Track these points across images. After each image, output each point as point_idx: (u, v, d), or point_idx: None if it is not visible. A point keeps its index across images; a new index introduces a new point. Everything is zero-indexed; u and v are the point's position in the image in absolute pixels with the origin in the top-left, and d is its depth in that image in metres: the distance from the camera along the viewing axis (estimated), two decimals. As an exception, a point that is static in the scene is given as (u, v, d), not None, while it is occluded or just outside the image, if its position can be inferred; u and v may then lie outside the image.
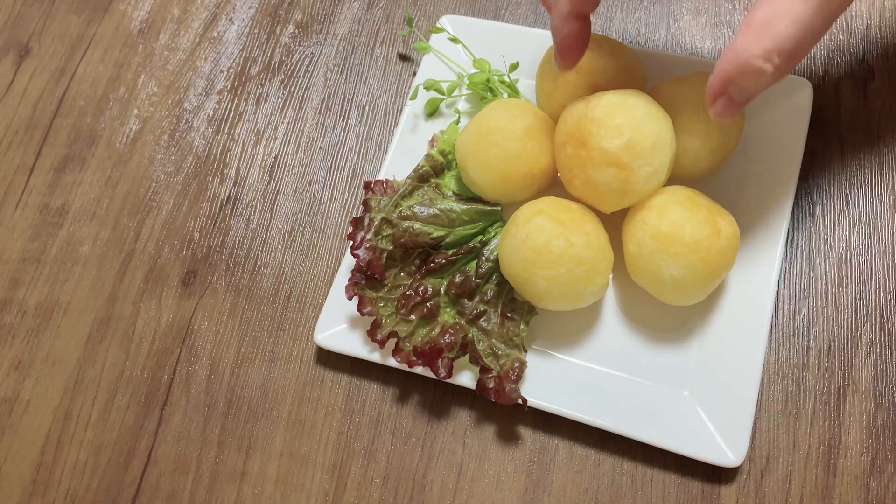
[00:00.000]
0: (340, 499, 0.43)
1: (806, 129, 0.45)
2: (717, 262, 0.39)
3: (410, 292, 0.43)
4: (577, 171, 0.41)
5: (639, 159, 0.39)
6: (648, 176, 0.40)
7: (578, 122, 0.40)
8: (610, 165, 0.39)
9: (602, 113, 0.39)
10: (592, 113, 0.40)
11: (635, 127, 0.39)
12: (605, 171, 0.39)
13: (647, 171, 0.39)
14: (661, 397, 0.42)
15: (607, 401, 0.42)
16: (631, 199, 0.41)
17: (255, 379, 0.47)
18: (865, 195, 0.47)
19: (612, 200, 0.41)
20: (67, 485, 0.45)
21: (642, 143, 0.39)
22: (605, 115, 0.39)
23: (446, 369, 0.42)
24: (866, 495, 0.40)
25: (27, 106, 0.58)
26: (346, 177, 0.52)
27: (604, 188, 0.40)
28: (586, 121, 0.40)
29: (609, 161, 0.39)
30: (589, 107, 0.40)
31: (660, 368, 0.43)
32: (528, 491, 0.42)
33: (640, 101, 0.40)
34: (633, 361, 0.43)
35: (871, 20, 0.52)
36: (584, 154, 0.40)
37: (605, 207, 0.42)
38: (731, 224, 0.41)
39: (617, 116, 0.39)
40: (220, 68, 0.57)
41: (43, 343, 0.49)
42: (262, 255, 0.50)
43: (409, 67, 0.55)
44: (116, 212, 0.53)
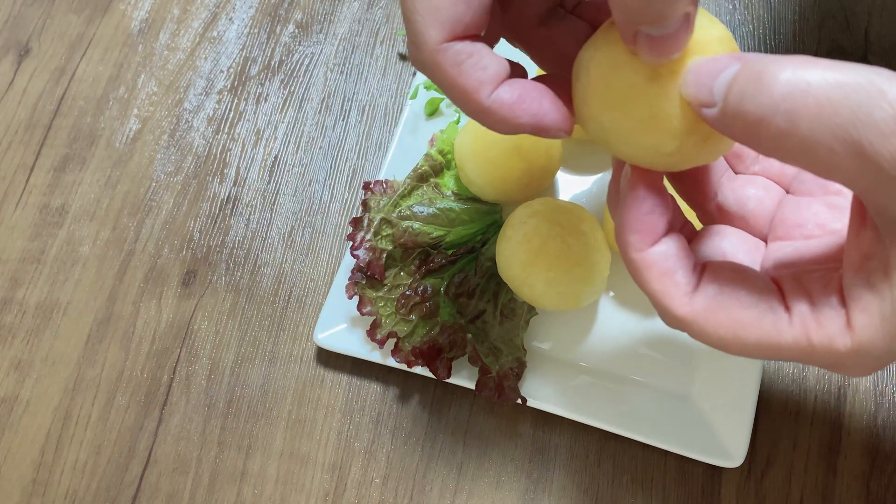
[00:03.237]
0: (340, 499, 0.43)
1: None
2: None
3: (410, 292, 0.43)
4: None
5: None
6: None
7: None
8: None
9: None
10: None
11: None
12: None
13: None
14: (660, 397, 0.42)
15: (607, 401, 0.42)
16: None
17: (255, 379, 0.47)
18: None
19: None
20: (67, 485, 0.45)
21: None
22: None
23: (445, 369, 0.42)
24: (866, 495, 0.40)
25: (27, 106, 0.58)
26: (346, 177, 0.52)
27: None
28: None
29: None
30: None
31: (659, 368, 0.43)
32: (528, 491, 0.42)
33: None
34: (633, 361, 0.43)
35: (871, 20, 0.52)
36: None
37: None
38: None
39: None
40: (220, 68, 0.57)
41: (43, 343, 0.49)
42: (262, 255, 0.50)
43: (409, 67, 0.55)
44: (116, 212, 0.53)
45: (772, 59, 0.21)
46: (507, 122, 0.26)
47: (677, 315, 0.25)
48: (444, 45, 0.25)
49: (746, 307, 0.24)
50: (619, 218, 0.26)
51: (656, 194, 0.26)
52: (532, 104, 0.26)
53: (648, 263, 0.25)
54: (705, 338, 0.25)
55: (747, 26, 0.53)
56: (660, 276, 0.25)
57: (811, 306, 0.24)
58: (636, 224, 0.26)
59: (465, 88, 0.26)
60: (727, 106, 0.22)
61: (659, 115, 0.24)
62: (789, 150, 0.21)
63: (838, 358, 0.23)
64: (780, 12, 0.53)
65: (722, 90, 0.22)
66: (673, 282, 0.25)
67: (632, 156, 0.26)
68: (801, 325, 0.23)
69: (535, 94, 0.26)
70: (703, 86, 0.23)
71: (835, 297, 0.23)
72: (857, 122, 0.19)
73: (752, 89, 0.21)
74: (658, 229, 0.26)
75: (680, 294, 0.25)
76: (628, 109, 0.24)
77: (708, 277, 0.26)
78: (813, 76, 0.20)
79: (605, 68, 0.25)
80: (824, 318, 0.23)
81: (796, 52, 0.51)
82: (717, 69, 0.23)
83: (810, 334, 0.23)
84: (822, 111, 0.20)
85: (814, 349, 0.23)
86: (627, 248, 0.26)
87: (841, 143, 0.20)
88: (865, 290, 0.22)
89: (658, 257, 0.25)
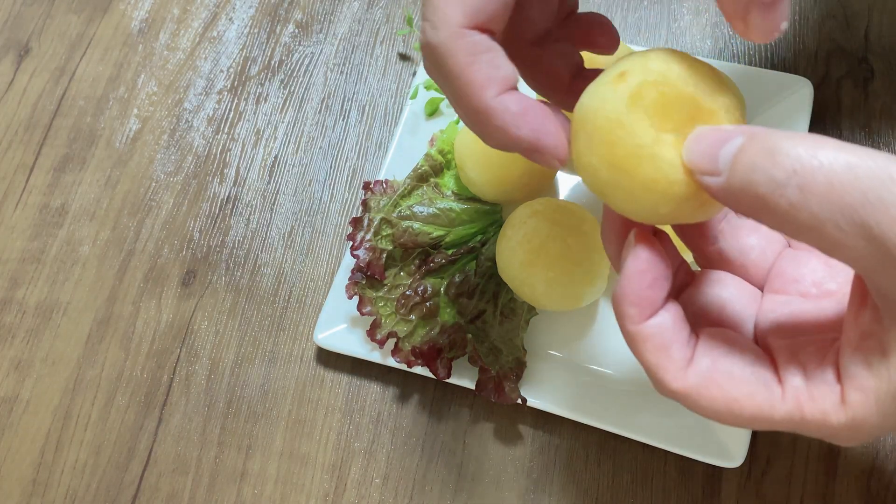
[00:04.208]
0: (340, 499, 0.43)
1: (806, 129, 0.45)
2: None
3: (410, 292, 0.43)
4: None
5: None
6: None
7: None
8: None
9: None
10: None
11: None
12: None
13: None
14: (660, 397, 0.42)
15: (607, 401, 0.41)
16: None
17: (255, 379, 0.47)
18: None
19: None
20: (67, 485, 0.45)
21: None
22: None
23: (445, 369, 0.42)
24: (866, 495, 0.40)
25: (27, 106, 0.58)
26: (346, 177, 0.52)
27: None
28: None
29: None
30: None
31: (660, 368, 0.43)
32: (528, 491, 0.42)
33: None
34: (633, 361, 0.43)
35: (871, 20, 0.52)
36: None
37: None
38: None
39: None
40: (220, 68, 0.57)
41: (43, 343, 0.49)
42: (262, 255, 0.50)
43: (409, 67, 0.55)
44: (116, 212, 0.53)
45: (783, 134, 0.22)
46: (505, 131, 0.25)
47: (671, 389, 0.25)
48: (464, 30, 0.25)
49: (739, 383, 0.24)
50: (618, 288, 0.26)
51: (658, 265, 0.26)
52: (535, 119, 0.25)
53: (644, 337, 0.25)
54: (700, 410, 0.25)
55: (747, 26, 0.53)
56: (655, 350, 0.25)
57: (805, 379, 0.24)
58: (635, 298, 0.25)
59: (472, 82, 0.25)
60: (734, 177, 0.22)
61: (659, 179, 0.24)
62: (797, 226, 0.21)
63: (831, 431, 0.23)
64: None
65: (728, 160, 0.22)
66: (667, 356, 0.25)
67: (625, 211, 0.26)
68: (795, 400, 0.24)
69: (540, 112, 0.26)
70: (707, 154, 0.23)
71: (830, 372, 0.23)
72: (867, 203, 0.20)
73: (764, 163, 0.21)
74: (656, 303, 0.25)
75: (674, 369, 0.25)
76: (629, 169, 0.24)
77: (702, 349, 0.26)
78: (825, 155, 0.20)
79: (611, 124, 0.24)
80: (818, 392, 0.23)
81: (796, 52, 0.51)
82: (721, 139, 0.23)
83: (803, 409, 0.23)
84: (833, 190, 0.20)
85: (807, 423, 0.24)
86: (624, 319, 0.26)
87: (849, 222, 0.20)
88: (862, 369, 0.22)
89: (654, 330, 0.25)
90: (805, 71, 0.50)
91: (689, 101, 0.24)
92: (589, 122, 0.25)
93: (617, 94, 0.24)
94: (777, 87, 0.46)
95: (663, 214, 0.25)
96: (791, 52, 0.51)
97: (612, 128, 0.24)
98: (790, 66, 0.51)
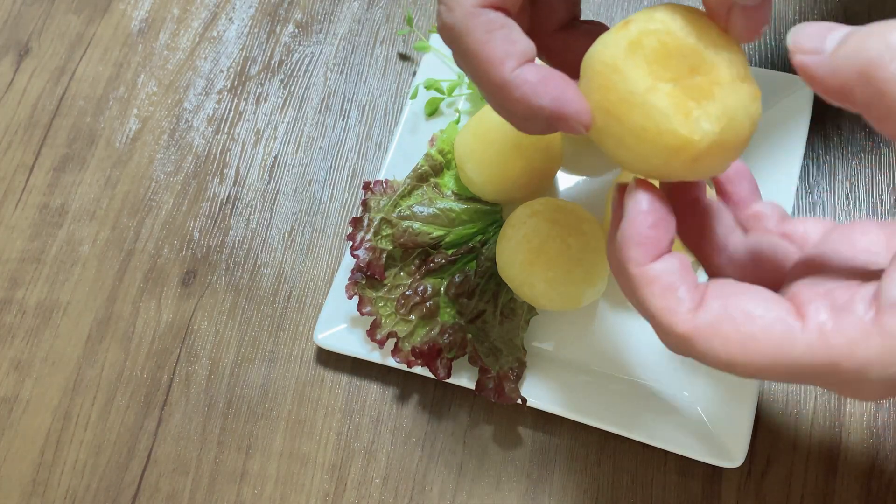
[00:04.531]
0: (340, 499, 0.43)
1: (807, 129, 0.45)
2: None
3: (410, 292, 0.43)
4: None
5: None
6: None
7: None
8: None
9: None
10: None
11: None
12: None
13: None
14: (660, 397, 0.42)
15: (607, 401, 0.42)
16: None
17: (255, 379, 0.47)
18: (866, 195, 0.47)
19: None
20: (67, 485, 0.45)
21: None
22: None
23: (445, 369, 0.42)
24: (866, 495, 0.40)
25: (27, 106, 0.58)
26: (346, 177, 0.52)
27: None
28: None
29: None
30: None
31: (659, 368, 0.43)
32: (528, 491, 0.42)
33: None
34: (633, 361, 0.43)
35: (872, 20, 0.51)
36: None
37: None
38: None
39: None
40: (219, 68, 0.57)
41: (43, 343, 0.49)
42: (262, 255, 0.50)
43: (409, 67, 0.55)
44: (116, 212, 0.53)
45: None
46: (527, 102, 0.25)
47: (680, 332, 0.24)
48: (478, 9, 0.25)
49: (754, 318, 0.23)
50: (620, 231, 0.25)
51: (660, 209, 0.25)
52: (556, 88, 0.25)
53: (650, 279, 0.24)
54: (711, 355, 0.24)
55: (747, 26, 0.53)
56: (662, 291, 0.24)
57: (831, 312, 0.22)
58: (638, 237, 0.24)
59: (490, 58, 0.25)
60: (842, 49, 0.22)
61: (649, 128, 0.24)
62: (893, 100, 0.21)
63: (858, 367, 0.22)
64: (780, 12, 0.53)
65: (836, 39, 0.22)
66: (675, 297, 0.24)
67: (618, 159, 0.25)
68: (818, 331, 0.22)
69: (560, 80, 0.25)
70: (814, 35, 0.23)
71: (860, 304, 0.22)
72: None
73: (880, 33, 0.22)
74: (661, 245, 0.25)
75: (683, 310, 0.24)
76: (620, 115, 0.24)
77: (712, 292, 0.24)
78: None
79: (606, 69, 0.24)
80: (846, 323, 0.22)
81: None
82: (830, 27, 0.23)
83: (829, 340, 0.22)
84: None
85: (830, 356, 0.22)
86: (628, 262, 0.25)
87: None
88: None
89: (660, 272, 0.24)
90: (805, 71, 0.50)
91: (690, 51, 0.24)
92: (588, 67, 0.25)
93: (617, 40, 0.24)
94: (777, 87, 0.46)
95: (656, 166, 0.25)
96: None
97: (607, 73, 0.24)
98: (790, 66, 0.51)
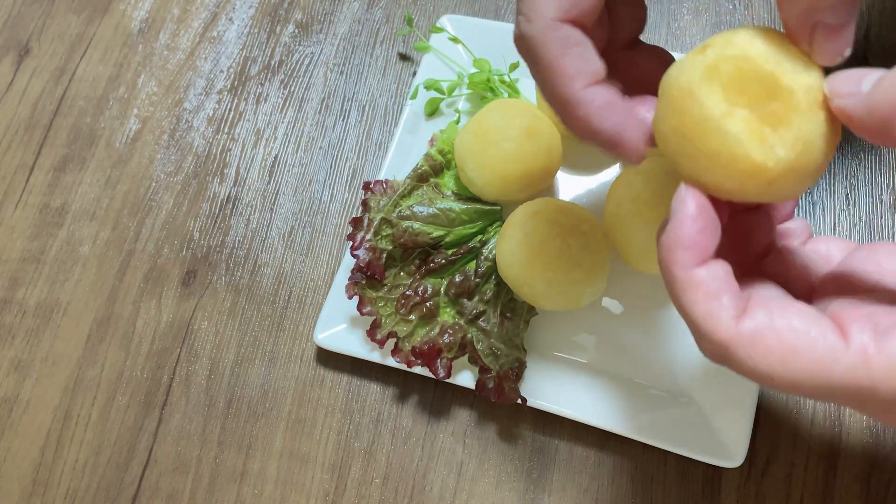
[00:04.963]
0: (340, 499, 0.43)
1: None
2: None
3: (410, 292, 0.43)
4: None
5: None
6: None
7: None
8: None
9: None
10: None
11: None
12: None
13: None
14: (661, 397, 0.42)
15: (607, 401, 0.42)
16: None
17: (255, 379, 0.47)
18: (866, 195, 0.47)
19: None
20: (67, 485, 0.45)
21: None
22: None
23: (445, 369, 0.42)
24: (866, 495, 0.40)
25: (27, 106, 0.58)
26: (346, 177, 0.52)
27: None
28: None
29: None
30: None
31: (659, 368, 0.43)
32: (528, 491, 0.42)
33: None
34: (633, 361, 0.43)
35: (872, 20, 0.52)
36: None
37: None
38: None
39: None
40: (220, 68, 0.57)
41: (43, 343, 0.49)
42: (262, 255, 0.50)
43: (409, 67, 0.55)
44: (116, 212, 0.53)
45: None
46: (588, 123, 0.26)
47: (722, 339, 0.23)
48: (557, 23, 0.26)
49: (799, 332, 0.23)
50: (667, 234, 0.25)
51: (709, 213, 0.25)
52: (618, 116, 0.26)
53: (696, 283, 0.24)
54: (751, 366, 0.23)
55: (747, 26, 0.53)
56: (706, 297, 0.24)
57: (875, 334, 0.22)
58: (687, 241, 0.24)
59: (562, 72, 0.26)
60: (877, 89, 0.22)
61: (723, 153, 0.24)
62: None
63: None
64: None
65: (872, 80, 0.23)
66: (719, 304, 0.24)
67: (698, 182, 0.26)
68: (861, 352, 0.22)
69: (622, 109, 0.26)
70: (850, 79, 0.23)
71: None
72: None
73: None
74: (707, 250, 0.25)
75: (727, 317, 0.24)
76: (695, 140, 0.25)
77: (756, 303, 0.24)
78: None
79: (682, 94, 0.25)
80: (888, 347, 0.22)
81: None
82: (865, 72, 0.23)
83: (871, 361, 0.22)
84: None
85: (871, 379, 0.22)
86: (673, 265, 0.25)
87: None
88: None
89: (704, 277, 0.24)
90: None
91: (768, 77, 0.24)
92: (665, 91, 0.26)
93: (694, 64, 0.25)
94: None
95: (731, 190, 0.25)
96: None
97: (683, 97, 0.25)
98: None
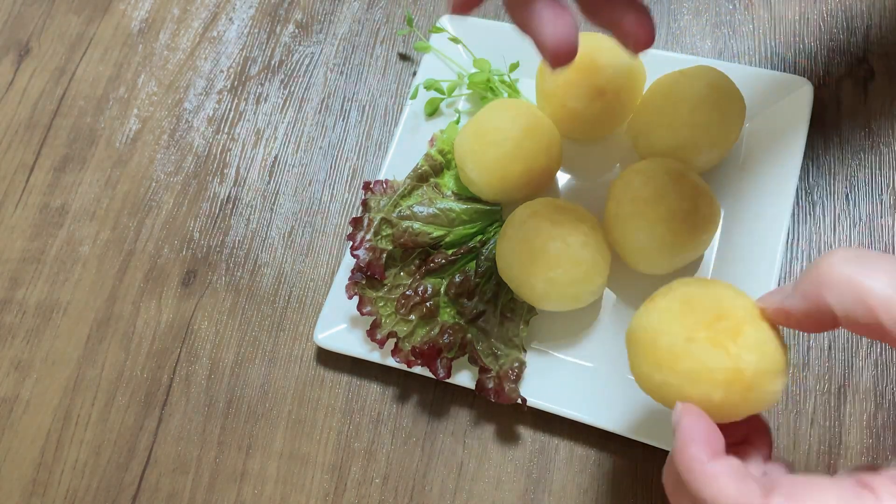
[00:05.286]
0: (340, 499, 0.43)
1: (806, 129, 0.45)
2: (686, 237, 0.39)
3: (410, 292, 0.43)
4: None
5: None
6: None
7: None
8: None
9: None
10: None
11: None
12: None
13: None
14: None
15: (607, 401, 0.41)
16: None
17: (255, 379, 0.47)
18: (866, 195, 0.47)
19: None
20: (67, 485, 0.45)
21: None
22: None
23: (445, 369, 0.42)
24: (866, 495, 0.40)
25: (27, 106, 0.58)
26: (346, 177, 0.52)
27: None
28: None
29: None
30: None
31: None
32: (528, 491, 0.42)
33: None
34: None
35: (872, 20, 0.51)
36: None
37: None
38: (711, 205, 0.40)
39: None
40: (220, 68, 0.57)
41: (43, 343, 0.49)
42: (262, 255, 0.50)
43: (410, 67, 0.55)
44: (116, 212, 0.53)
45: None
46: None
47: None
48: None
49: (829, 490, 0.24)
50: (678, 442, 0.27)
51: (708, 422, 0.28)
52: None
53: (720, 471, 0.26)
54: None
55: (747, 26, 0.53)
56: (736, 479, 0.26)
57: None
58: (698, 436, 0.27)
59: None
60: (801, 283, 0.27)
61: (699, 368, 0.29)
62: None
63: None
64: (780, 12, 0.53)
65: (793, 285, 0.28)
66: (748, 486, 0.25)
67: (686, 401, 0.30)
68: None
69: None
70: (775, 293, 0.28)
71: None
72: None
73: (819, 266, 0.27)
74: (718, 446, 0.27)
75: (757, 496, 0.25)
76: (671, 365, 0.30)
77: (777, 481, 0.26)
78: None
79: (647, 334, 0.31)
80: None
81: (796, 52, 0.51)
82: (783, 289, 0.29)
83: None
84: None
85: None
86: (694, 462, 0.26)
87: None
88: None
89: (726, 466, 0.26)
90: (805, 71, 0.50)
91: (711, 304, 0.30)
92: (632, 337, 0.32)
93: (649, 310, 0.32)
94: (777, 87, 0.46)
95: (717, 402, 0.29)
96: (791, 52, 0.51)
97: (649, 336, 0.31)
98: (790, 66, 0.51)
